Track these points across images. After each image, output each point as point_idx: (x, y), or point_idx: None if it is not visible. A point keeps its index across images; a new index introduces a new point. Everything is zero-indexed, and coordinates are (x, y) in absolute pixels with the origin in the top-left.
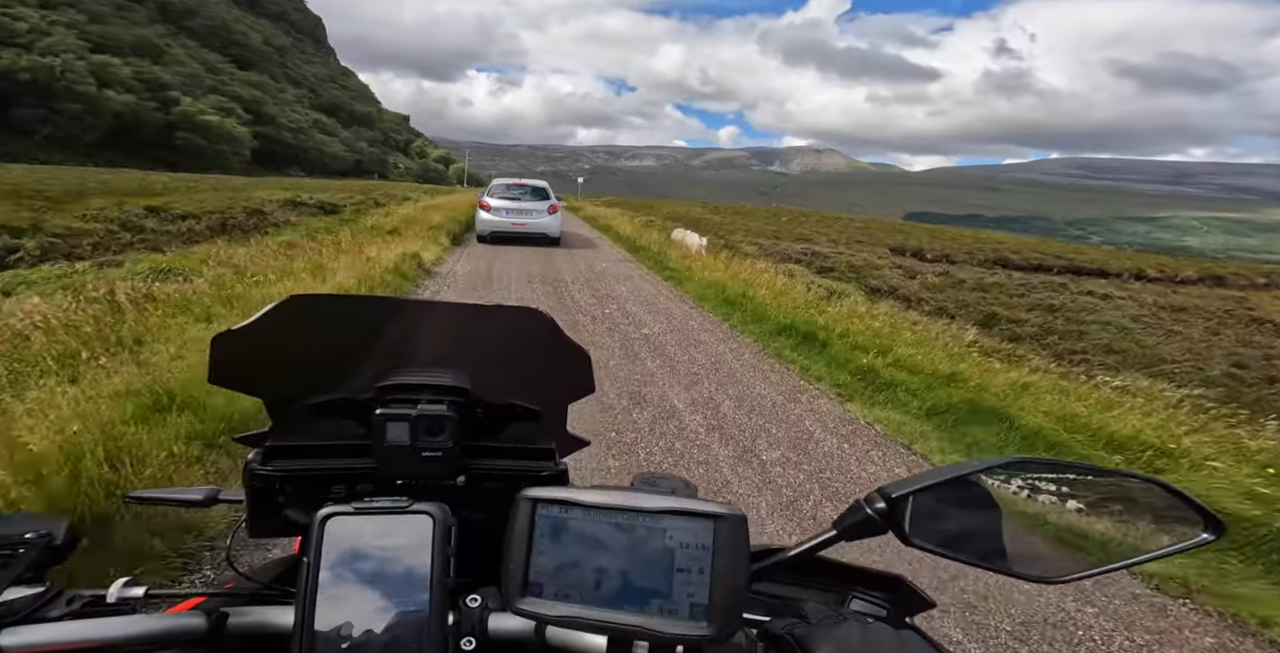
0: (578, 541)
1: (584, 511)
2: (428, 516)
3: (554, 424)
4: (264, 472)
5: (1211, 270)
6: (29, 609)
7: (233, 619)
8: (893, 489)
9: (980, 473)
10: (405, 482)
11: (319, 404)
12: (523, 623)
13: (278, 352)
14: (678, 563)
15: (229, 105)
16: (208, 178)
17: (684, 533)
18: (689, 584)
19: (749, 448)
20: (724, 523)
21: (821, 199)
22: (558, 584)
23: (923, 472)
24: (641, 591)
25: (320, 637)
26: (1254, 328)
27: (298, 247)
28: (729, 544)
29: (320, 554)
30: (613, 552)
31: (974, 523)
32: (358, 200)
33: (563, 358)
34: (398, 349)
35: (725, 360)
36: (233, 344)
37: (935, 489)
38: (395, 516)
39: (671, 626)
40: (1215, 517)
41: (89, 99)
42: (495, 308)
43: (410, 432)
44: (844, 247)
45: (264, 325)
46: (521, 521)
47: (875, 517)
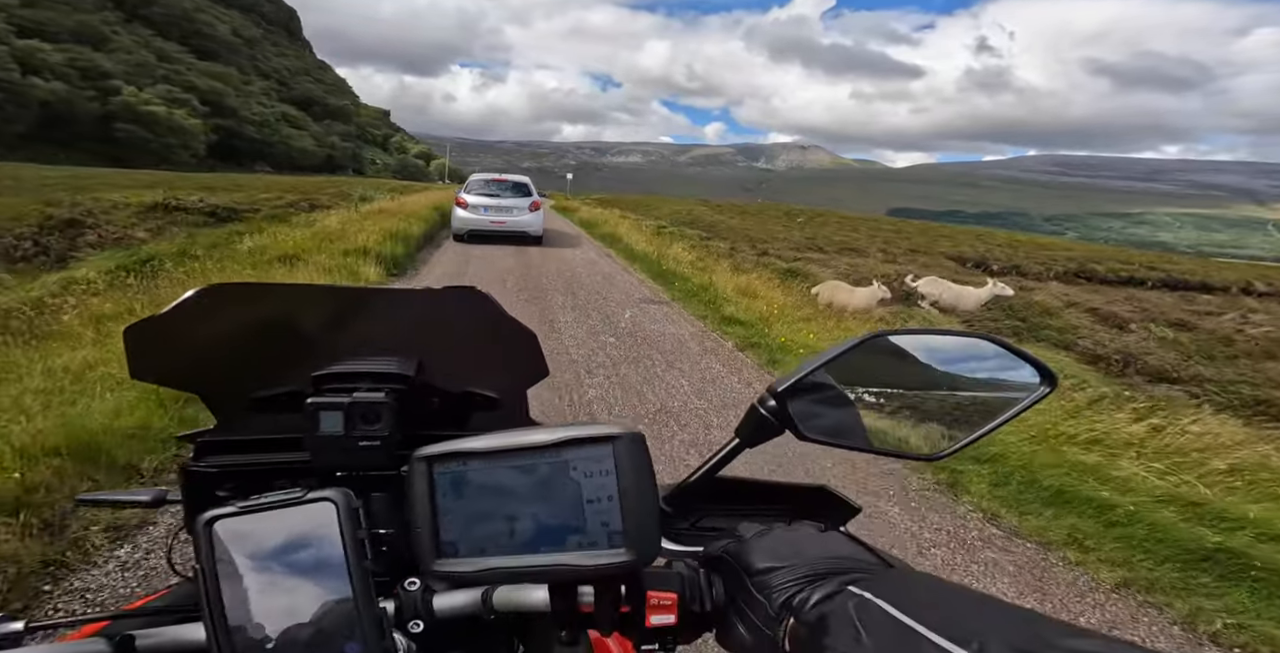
0: (482, 492)
1: (482, 460)
2: (328, 502)
3: (514, 411)
4: (197, 469)
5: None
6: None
7: (140, 642)
8: (779, 384)
9: (847, 353)
10: (345, 475)
11: (262, 399)
12: (469, 596)
13: (204, 344)
14: (585, 494)
15: (183, 96)
16: (25, 168)
17: (585, 463)
18: (600, 513)
19: None
20: (621, 443)
21: (806, 195)
22: (471, 540)
23: (798, 364)
24: (557, 529)
25: (241, 642)
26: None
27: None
28: (631, 465)
29: (214, 561)
30: (520, 496)
31: (851, 409)
32: (287, 202)
33: (510, 340)
34: (337, 339)
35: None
36: (149, 337)
37: (813, 378)
38: (289, 508)
39: (592, 558)
40: (1048, 368)
41: (11, 87)
42: (432, 291)
43: (345, 421)
44: (904, 260)
45: (180, 316)
46: (419, 482)
47: (769, 417)
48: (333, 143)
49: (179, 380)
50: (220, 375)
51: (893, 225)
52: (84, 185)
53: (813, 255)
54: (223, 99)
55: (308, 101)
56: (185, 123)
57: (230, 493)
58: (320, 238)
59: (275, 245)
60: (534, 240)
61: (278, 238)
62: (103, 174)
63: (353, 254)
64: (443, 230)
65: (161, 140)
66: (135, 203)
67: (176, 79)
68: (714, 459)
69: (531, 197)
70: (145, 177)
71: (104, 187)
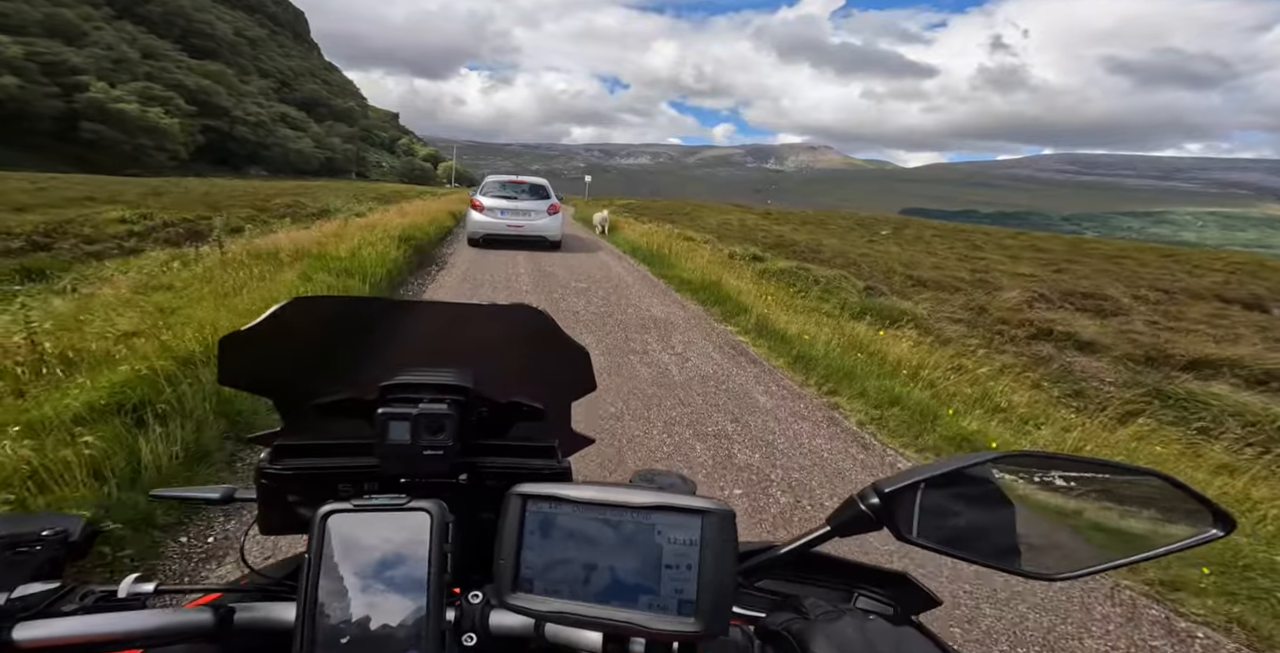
0: (567, 536)
1: (573, 507)
2: (425, 512)
3: (558, 422)
4: (273, 471)
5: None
6: (43, 604)
7: (239, 615)
8: (886, 485)
9: (975, 467)
10: (409, 480)
11: (326, 404)
12: (523, 620)
13: (283, 353)
14: (665, 559)
15: (165, 94)
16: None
17: (671, 529)
18: (676, 580)
19: None
20: (710, 518)
21: (817, 196)
22: (547, 580)
23: (914, 466)
24: (630, 587)
25: (322, 631)
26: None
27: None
28: (716, 540)
29: (322, 551)
30: (601, 548)
31: (970, 519)
32: (162, 223)
33: (563, 355)
34: (401, 349)
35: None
36: (239, 346)
37: (930, 484)
38: (393, 512)
39: (660, 622)
40: (1223, 511)
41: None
42: (494, 307)
43: (411, 430)
44: (1177, 310)
45: (268, 327)
46: (512, 517)
47: (869, 513)
48: (333, 145)
49: (259, 386)
50: (293, 381)
51: (1010, 236)
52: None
53: (1053, 315)
54: (213, 98)
55: (311, 103)
56: (160, 122)
57: (298, 494)
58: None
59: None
60: (552, 246)
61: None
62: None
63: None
64: (420, 279)
65: (134, 141)
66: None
67: (163, 77)
68: (800, 542)
69: (549, 199)
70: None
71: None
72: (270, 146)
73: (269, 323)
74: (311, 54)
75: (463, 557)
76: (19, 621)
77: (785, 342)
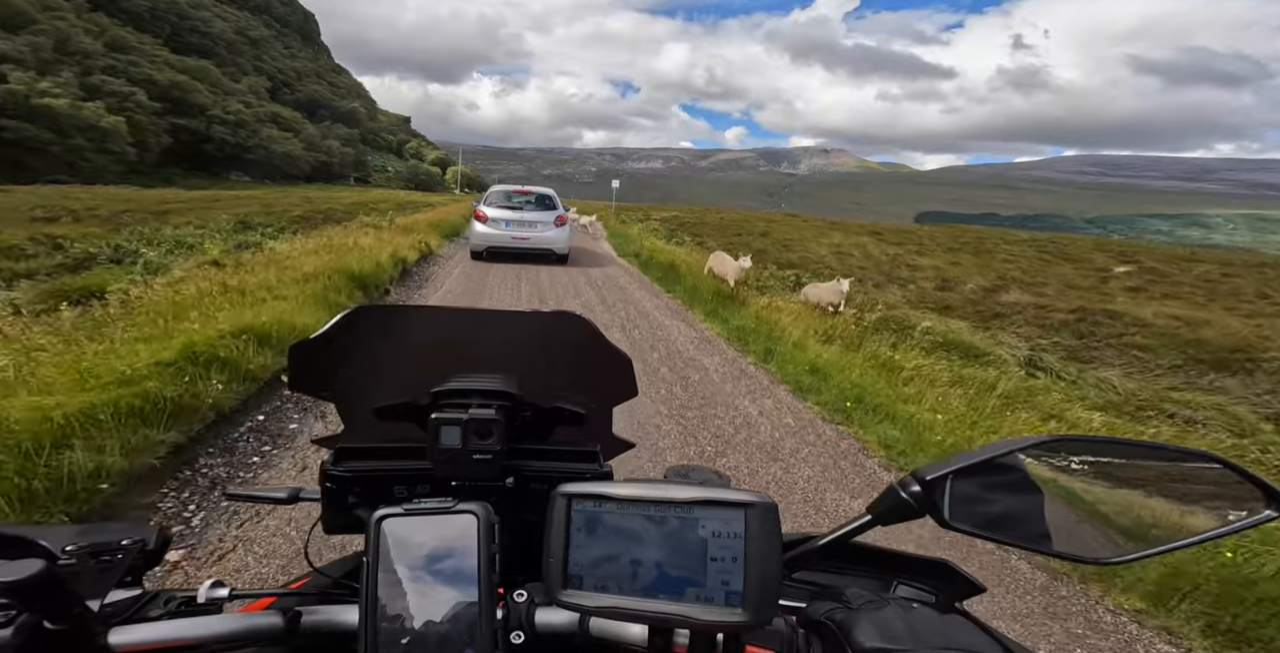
0: (613, 533)
1: (617, 504)
2: (472, 515)
3: (599, 427)
4: (335, 472)
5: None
6: (131, 610)
7: (305, 617)
8: (927, 472)
9: (1017, 452)
10: (459, 483)
11: (383, 408)
12: (568, 616)
13: (345, 359)
14: (711, 552)
15: (124, 90)
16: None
17: (715, 522)
18: (723, 572)
19: None
20: (754, 511)
21: (830, 200)
22: (596, 576)
23: (956, 454)
24: (677, 580)
25: (383, 632)
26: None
27: None
28: (760, 532)
29: (378, 554)
30: (647, 543)
31: (1013, 504)
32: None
33: (605, 362)
34: (451, 355)
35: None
36: (306, 353)
37: (971, 470)
38: (442, 515)
39: (707, 613)
40: (1277, 491)
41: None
42: (539, 314)
43: (462, 435)
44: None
45: (333, 335)
46: (558, 516)
47: (910, 500)
48: (329, 148)
49: (324, 391)
50: (354, 386)
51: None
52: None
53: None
54: (188, 95)
55: (312, 104)
56: (103, 120)
57: (357, 496)
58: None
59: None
60: (559, 259)
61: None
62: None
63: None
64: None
65: (66, 142)
66: None
67: (129, 71)
68: (842, 531)
69: (556, 210)
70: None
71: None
72: (252, 149)
73: (333, 331)
74: (320, 56)
75: (508, 558)
76: (112, 626)
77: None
